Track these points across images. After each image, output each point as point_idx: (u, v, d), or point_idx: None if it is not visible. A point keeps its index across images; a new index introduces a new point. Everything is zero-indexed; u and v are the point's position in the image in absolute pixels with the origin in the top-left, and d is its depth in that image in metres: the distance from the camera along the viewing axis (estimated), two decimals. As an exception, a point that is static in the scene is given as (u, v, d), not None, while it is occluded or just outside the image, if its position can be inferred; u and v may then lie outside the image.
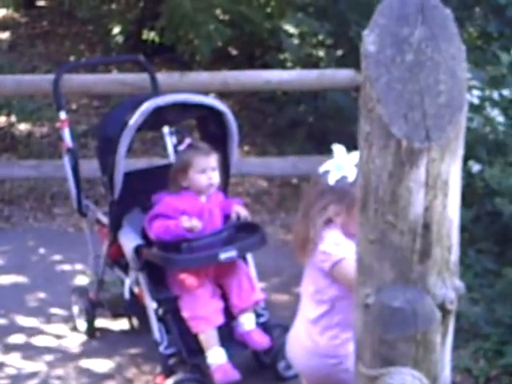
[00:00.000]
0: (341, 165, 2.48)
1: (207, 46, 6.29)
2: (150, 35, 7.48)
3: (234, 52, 7.63)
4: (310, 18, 5.48)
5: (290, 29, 5.78)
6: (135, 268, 3.23)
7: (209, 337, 3.16)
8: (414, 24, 1.56)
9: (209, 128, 3.39)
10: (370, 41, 1.55)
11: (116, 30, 7.74)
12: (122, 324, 3.91)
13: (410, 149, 1.49)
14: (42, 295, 4.36)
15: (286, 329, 3.42)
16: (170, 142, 3.78)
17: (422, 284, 1.56)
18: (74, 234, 5.18)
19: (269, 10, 7.01)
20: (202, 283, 3.19)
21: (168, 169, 3.58)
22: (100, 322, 3.92)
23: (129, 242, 3.27)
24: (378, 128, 1.52)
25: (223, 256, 3.10)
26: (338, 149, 2.55)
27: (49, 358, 3.75)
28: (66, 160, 3.66)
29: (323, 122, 5.87)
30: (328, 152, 5.93)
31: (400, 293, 1.52)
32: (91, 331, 3.83)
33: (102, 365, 3.67)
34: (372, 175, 1.55)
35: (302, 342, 2.56)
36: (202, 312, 3.16)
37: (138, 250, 3.20)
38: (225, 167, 3.38)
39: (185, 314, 3.20)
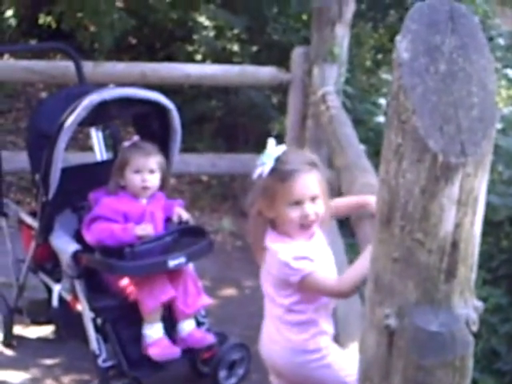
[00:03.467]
0: (263, 159, 2.43)
1: (109, 35, 6.06)
2: (46, 20, 7.11)
3: (133, 42, 7.40)
4: (225, 11, 5.37)
5: (205, 21, 5.64)
6: (72, 275, 3.01)
7: (156, 310, 3.02)
8: (444, 32, 1.49)
9: (150, 125, 3.22)
10: (403, 47, 1.46)
11: (9, 12, 7.31)
12: (41, 332, 3.66)
13: (446, 164, 1.41)
14: None
15: (225, 336, 3.34)
16: (96, 138, 3.56)
17: (446, 304, 1.49)
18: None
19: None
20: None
21: (97, 166, 3.38)
22: (16, 330, 3.65)
23: (64, 246, 3.04)
24: (412, 140, 1.43)
25: (172, 263, 2.95)
26: (269, 142, 2.49)
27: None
28: (-16, 155, 3.37)
29: (233, 118, 5.79)
30: (237, 149, 5.87)
31: (431, 315, 1.44)
32: (8, 340, 3.56)
33: (15, 376, 3.39)
34: (401, 190, 1.47)
35: (275, 339, 2.47)
36: (153, 287, 3.01)
37: (76, 256, 2.98)
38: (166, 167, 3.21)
39: (133, 297, 3.06)
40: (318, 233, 2.50)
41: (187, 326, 3.14)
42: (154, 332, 3.05)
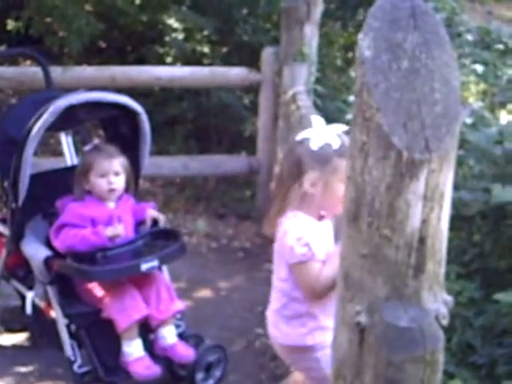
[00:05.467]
0: (323, 132, 2.38)
1: (78, 39, 6.02)
2: (15, 25, 7.03)
3: (103, 45, 7.36)
4: (195, 13, 5.36)
5: (174, 23, 5.62)
6: (44, 281, 2.98)
7: (131, 328, 2.99)
8: (406, 29, 1.50)
9: (119, 129, 3.20)
10: (365, 45, 1.47)
11: (-24, 18, 7.23)
12: (16, 339, 3.63)
13: (410, 160, 1.43)
14: None
15: (201, 338, 3.33)
16: (65, 142, 3.54)
17: (416, 299, 1.50)
18: None
19: (139, 2, 6.81)
20: (119, 286, 3.01)
21: (67, 172, 3.36)
22: (-10, 338, 3.63)
23: (35, 253, 3.02)
24: (377, 138, 1.44)
25: (144, 266, 2.93)
26: (316, 119, 2.45)
27: None
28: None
29: (205, 119, 5.79)
30: (210, 150, 5.85)
31: (401, 311, 1.45)
32: (-18, 349, 3.53)
33: (-10, 384, 3.38)
34: (367, 187, 1.48)
35: (272, 331, 2.51)
36: (125, 305, 2.97)
37: (47, 262, 2.96)
38: (135, 170, 3.20)
39: (106, 314, 3.01)
40: (327, 221, 2.49)
41: (168, 335, 3.10)
42: (133, 349, 3.01)
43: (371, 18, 1.50)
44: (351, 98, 5.04)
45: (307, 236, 2.33)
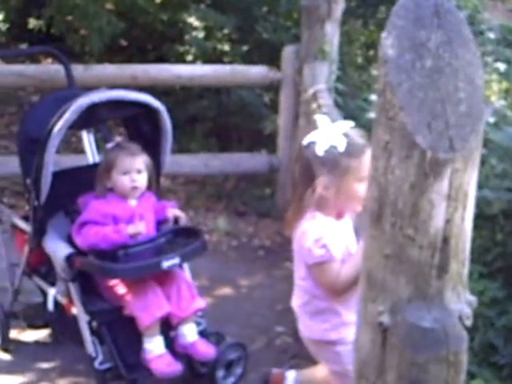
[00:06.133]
0: (328, 134, 2.35)
1: (99, 39, 6.05)
2: (36, 24, 7.09)
3: (124, 43, 7.39)
4: (215, 11, 5.36)
5: (194, 22, 5.63)
6: (66, 278, 3.00)
7: (153, 325, 2.99)
8: (430, 27, 1.49)
9: (140, 127, 3.21)
10: (388, 44, 1.46)
11: (-1, 17, 7.31)
12: (37, 336, 3.66)
13: (434, 160, 1.42)
14: None
15: (222, 336, 3.34)
16: (87, 140, 3.55)
17: (439, 300, 1.50)
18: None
19: (160, 0, 6.83)
20: (141, 284, 3.03)
21: (89, 169, 3.37)
22: (13, 334, 3.64)
23: (58, 250, 3.03)
24: (400, 137, 1.44)
25: (166, 264, 2.93)
26: (321, 119, 2.44)
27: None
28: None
29: (226, 118, 5.79)
30: (230, 148, 5.86)
31: (424, 311, 1.44)
32: (4, 344, 3.55)
33: (12, 381, 3.37)
34: (390, 186, 1.47)
35: (299, 324, 2.55)
36: (147, 303, 2.98)
37: (69, 259, 2.97)
38: (156, 168, 3.20)
39: (128, 312, 3.02)
40: (347, 218, 2.49)
41: (188, 332, 3.10)
42: (154, 346, 3.01)
43: (394, 16, 1.49)
44: (372, 97, 5.02)
45: (325, 237, 2.34)
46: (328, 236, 2.34)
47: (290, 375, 2.91)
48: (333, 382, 2.66)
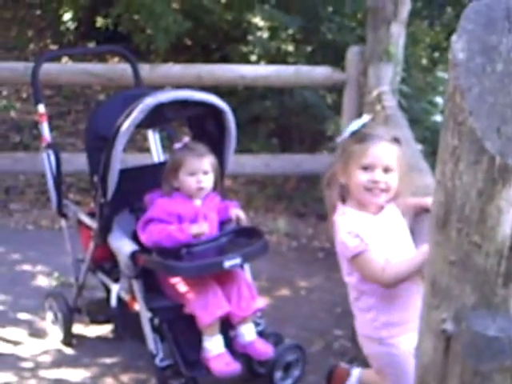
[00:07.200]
0: (354, 124, 2.48)
1: (164, 38, 6.12)
2: (104, 22, 7.21)
3: (188, 43, 7.46)
4: (279, 12, 5.37)
5: (259, 22, 5.64)
6: (130, 275, 3.05)
7: (213, 324, 3.01)
8: (501, 31, 1.46)
9: (205, 127, 3.23)
10: (459, 48, 1.44)
11: (67, 15, 7.45)
12: (100, 331, 3.72)
13: (503, 166, 1.39)
14: (1, 298, 4.11)
15: (280, 337, 3.34)
16: (153, 139, 3.60)
17: (504, 309, 1.47)
18: (33, 231, 4.94)
19: (225, 0, 6.87)
20: (202, 282, 3.05)
21: (155, 168, 3.42)
22: (76, 329, 3.71)
23: (122, 246, 3.08)
24: (469, 142, 1.41)
25: (227, 264, 2.95)
26: (364, 116, 2.55)
27: (18, 367, 3.49)
28: (45, 156, 3.44)
29: (288, 118, 5.79)
30: (292, 149, 5.85)
31: (489, 320, 1.42)
32: (68, 339, 3.63)
33: (75, 375, 3.45)
34: (457, 192, 1.45)
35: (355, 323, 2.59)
36: (207, 302, 3.00)
37: (133, 256, 3.01)
38: (220, 168, 3.22)
39: (189, 310, 3.05)
40: (389, 209, 2.49)
41: (247, 332, 3.12)
42: (214, 345, 3.03)
43: (465, 20, 1.47)
44: (437, 99, 4.96)
45: (356, 228, 2.37)
46: (359, 227, 2.38)
47: (355, 373, 2.93)
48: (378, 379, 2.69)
